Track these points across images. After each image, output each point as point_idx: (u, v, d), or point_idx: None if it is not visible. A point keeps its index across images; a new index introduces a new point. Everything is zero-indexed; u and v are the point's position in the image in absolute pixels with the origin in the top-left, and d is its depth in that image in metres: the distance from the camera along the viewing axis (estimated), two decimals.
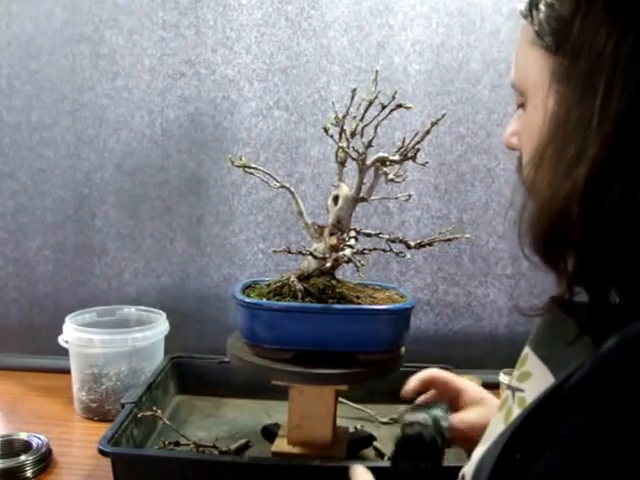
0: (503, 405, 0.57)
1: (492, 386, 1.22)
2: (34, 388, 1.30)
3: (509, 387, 0.57)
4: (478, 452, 0.56)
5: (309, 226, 0.98)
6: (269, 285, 0.97)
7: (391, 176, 0.96)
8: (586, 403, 0.42)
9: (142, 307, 1.33)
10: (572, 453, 0.42)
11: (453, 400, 0.79)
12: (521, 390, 0.54)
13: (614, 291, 0.48)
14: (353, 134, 0.92)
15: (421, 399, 0.82)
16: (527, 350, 0.57)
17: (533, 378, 0.54)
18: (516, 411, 0.53)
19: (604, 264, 0.47)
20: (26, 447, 1.01)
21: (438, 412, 0.72)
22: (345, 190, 0.94)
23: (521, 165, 0.59)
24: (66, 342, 1.20)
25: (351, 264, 0.90)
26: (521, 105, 0.58)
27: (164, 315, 1.27)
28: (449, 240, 0.98)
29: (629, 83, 0.44)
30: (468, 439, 0.72)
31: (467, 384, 0.81)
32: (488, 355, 1.39)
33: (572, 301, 0.51)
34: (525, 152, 0.57)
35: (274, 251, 0.97)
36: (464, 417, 0.76)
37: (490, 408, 0.75)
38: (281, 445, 0.97)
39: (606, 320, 0.47)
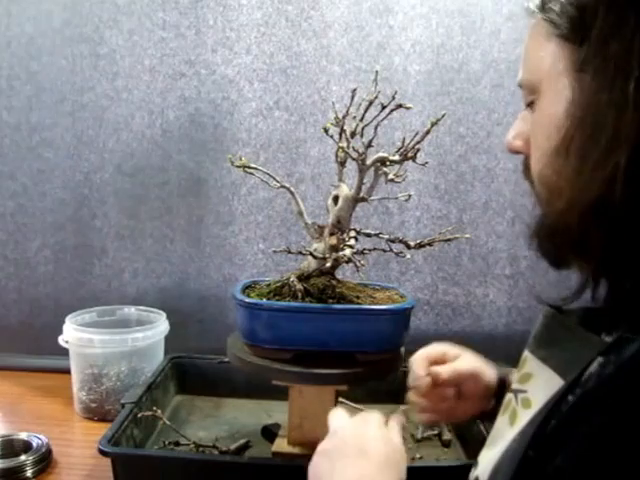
0: (506, 408, 0.57)
1: None
2: (34, 388, 1.31)
3: (511, 390, 0.57)
4: (489, 455, 0.56)
5: (309, 226, 0.98)
6: (269, 285, 0.97)
7: (391, 176, 0.96)
8: (607, 405, 0.42)
9: (142, 307, 1.33)
10: (592, 450, 0.42)
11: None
12: (524, 391, 0.54)
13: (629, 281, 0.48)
14: (353, 134, 0.92)
15: None
16: (526, 353, 0.57)
17: (535, 379, 0.54)
18: (521, 412, 0.53)
19: (637, 249, 0.46)
20: (26, 447, 1.01)
21: None
22: (345, 190, 0.94)
23: (527, 169, 0.57)
24: (66, 342, 1.20)
25: (351, 264, 0.90)
26: (530, 104, 0.56)
27: (164, 315, 1.27)
28: (449, 240, 0.98)
29: None
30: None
31: (462, 352, 0.85)
32: (488, 355, 1.39)
33: (565, 306, 0.51)
34: (538, 149, 0.55)
35: (274, 251, 0.97)
36: (455, 365, 0.81)
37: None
38: (281, 445, 0.97)
39: (607, 315, 0.48)
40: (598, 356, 0.45)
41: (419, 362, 0.81)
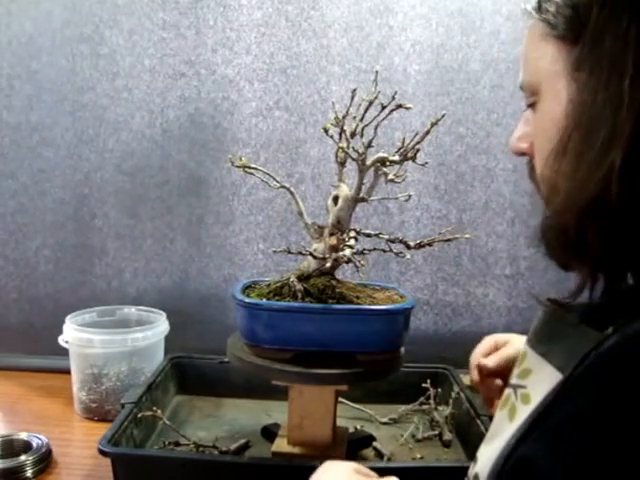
0: (505, 403, 0.57)
1: None
2: (34, 388, 1.31)
3: (510, 385, 0.57)
4: (487, 451, 0.56)
5: (309, 226, 0.98)
6: (269, 285, 0.97)
7: (391, 176, 0.96)
8: (583, 396, 0.43)
9: (142, 307, 1.33)
10: (560, 443, 0.42)
11: None
12: (523, 387, 0.54)
13: (630, 274, 0.49)
14: (353, 134, 0.92)
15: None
16: (525, 348, 0.57)
17: (534, 374, 0.54)
18: (520, 408, 0.53)
19: (634, 245, 0.47)
20: (26, 447, 1.02)
21: None
22: (345, 190, 0.94)
23: (533, 171, 0.58)
24: (66, 342, 1.20)
25: (351, 264, 0.90)
26: (531, 105, 0.57)
27: (164, 315, 1.27)
28: (449, 240, 0.98)
29: None
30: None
31: (510, 337, 0.90)
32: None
33: (567, 302, 0.51)
34: (540, 151, 0.55)
35: (274, 251, 0.97)
36: (501, 353, 0.86)
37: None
38: (281, 445, 0.97)
39: (608, 311, 0.48)
40: (592, 351, 0.45)
41: (475, 358, 0.90)
